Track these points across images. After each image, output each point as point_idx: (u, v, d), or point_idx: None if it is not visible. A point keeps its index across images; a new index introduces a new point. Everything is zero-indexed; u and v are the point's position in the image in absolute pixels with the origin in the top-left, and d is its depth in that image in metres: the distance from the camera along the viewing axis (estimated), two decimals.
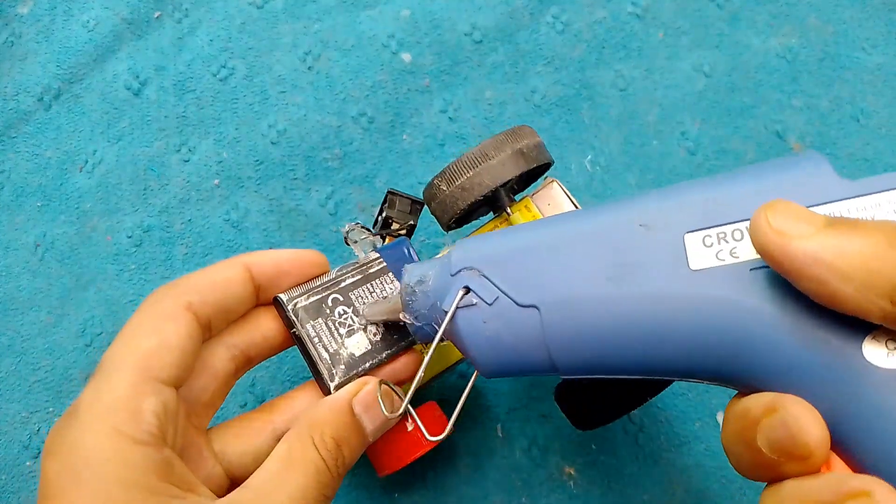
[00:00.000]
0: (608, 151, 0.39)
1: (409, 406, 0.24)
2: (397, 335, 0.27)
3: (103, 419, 0.20)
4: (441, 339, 0.23)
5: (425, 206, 0.31)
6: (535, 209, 0.30)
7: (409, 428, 0.28)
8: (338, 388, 0.25)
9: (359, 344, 0.27)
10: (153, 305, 0.24)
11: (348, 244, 0.30)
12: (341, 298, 0.27)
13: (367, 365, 0.26)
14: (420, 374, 0.23)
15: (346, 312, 0.27)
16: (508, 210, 0.30)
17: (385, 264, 0.28)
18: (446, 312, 0.22)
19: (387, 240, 0.30)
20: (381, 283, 0.28)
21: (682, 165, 0.39)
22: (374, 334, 0.27)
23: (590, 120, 0.40)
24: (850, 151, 0.38)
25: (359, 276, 0.28)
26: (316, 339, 0.26)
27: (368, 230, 0.30)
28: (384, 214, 0.30)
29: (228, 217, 0.39)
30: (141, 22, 0.43)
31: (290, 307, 0.26)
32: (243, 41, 0.42)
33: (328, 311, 0.27)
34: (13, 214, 0.40)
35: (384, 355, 0.27)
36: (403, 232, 0.31)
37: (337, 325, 0.27)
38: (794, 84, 0.40)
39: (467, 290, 0.22)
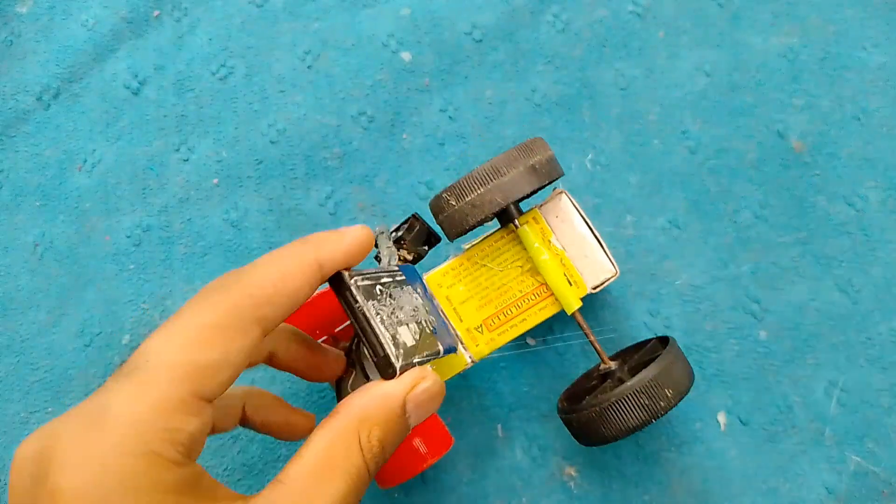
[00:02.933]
0: (609, 151, 0.39)
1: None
2: (429, 341, 0.26)
3: (140, 438, 0.18)
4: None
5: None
6: (544, 221, 0.30)
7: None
8: (401, 370, 0.24)
9: (407, 336, 0.25)
10: (226, 310, 0.20)
11: (376, 246, 0.30)
12: (385, 291, 0.26)
13: (419, 359, 0.25)
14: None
15: (392, 303, 0.26)
16: (517, 223, 0.30)
17: (405, 277, 0.28)
18: None
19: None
20: (409, 292, 0.27)
21: (683, 164, 0.38)
22: (416, 333, 0.26)
23: (590, 119, 0.40)
24: (850, 151, 0.38)
25: (390, 279, 0.27)
26: (378, 318, 0.24)
27: (393, 242, 0.30)
28: (400, 233, 0.30)
29: (228, 216, 0.39)
30: (140, 21, 0.43)
31: (351, 283, 0.24)
32: (243, 40, 0.42)
33: (378, 296, 0.25)
34: (12, 214, 0.40)
35: (428, 354, 0.25)
36: (411, 258, 0.30)
37: (389, 312, 0.25)
38: (795, 83, 0.39)
39: None
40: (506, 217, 0.30)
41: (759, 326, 0.36)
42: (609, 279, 0.30)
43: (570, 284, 0.30)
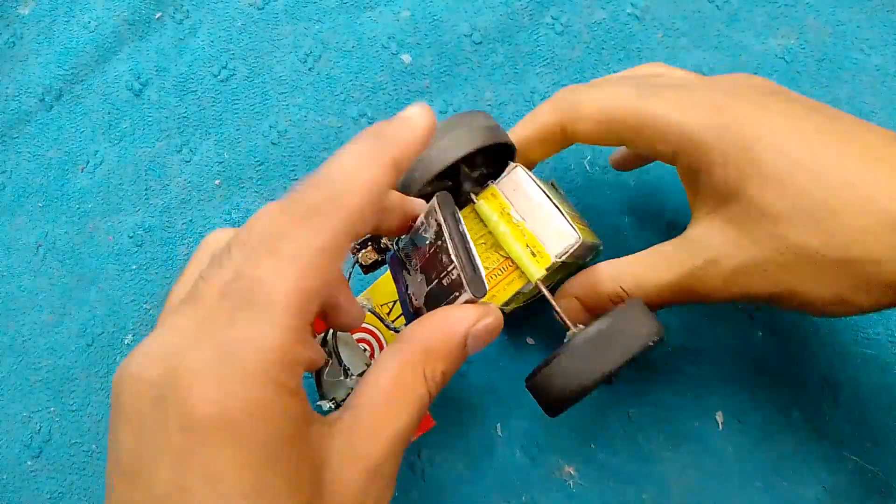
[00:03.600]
0: (607, 152, 0.39)
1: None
2: None
3: (271, 370, 0.18)
4: None
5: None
6: (502, 196, 0.30)
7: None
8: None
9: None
10: (329, 232, 0.19)
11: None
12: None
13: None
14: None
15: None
16: (474, 198, 0.30)
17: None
18: None
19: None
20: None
21: None
22: None
23: None
24: None
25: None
26: (470, 238, 0.23)
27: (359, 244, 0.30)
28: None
29: (229, 217, 0.39)
30: (142, 23, 0.43)
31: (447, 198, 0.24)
32: (244, 42, 0.43)
33: None
34: (15, 215, 0.40)
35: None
36: (380, 257, 0.30)
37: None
38: (792, 84, 0.40)
39: None
40: (464, 196, 0.31)
41: (756, 326, 0.36)
42: (572, 246, 0.29)
43: (534, 255, 0.29)
